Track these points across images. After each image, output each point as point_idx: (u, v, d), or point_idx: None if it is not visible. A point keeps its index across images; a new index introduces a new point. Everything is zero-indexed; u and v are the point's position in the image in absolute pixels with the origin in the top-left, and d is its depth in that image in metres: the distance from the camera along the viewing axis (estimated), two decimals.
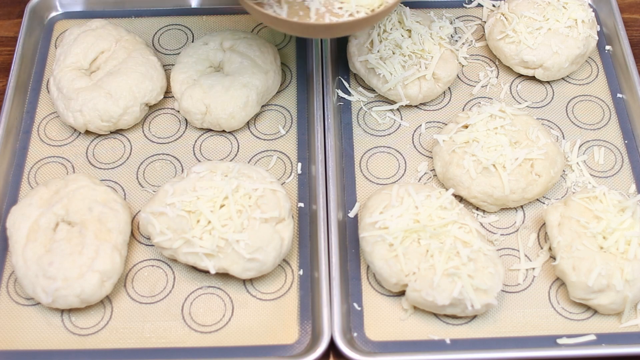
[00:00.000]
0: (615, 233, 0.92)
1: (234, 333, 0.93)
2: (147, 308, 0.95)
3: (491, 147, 1.00)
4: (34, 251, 0.92)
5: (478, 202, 1.01)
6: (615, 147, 1.09)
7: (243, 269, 0.92)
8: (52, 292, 0.89)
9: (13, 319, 0.94)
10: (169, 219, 0.93)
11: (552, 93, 1.15)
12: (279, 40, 1.21)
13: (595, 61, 1.19)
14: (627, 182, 1.06)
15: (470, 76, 1.17)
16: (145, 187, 1.06)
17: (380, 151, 1.09)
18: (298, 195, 1.05)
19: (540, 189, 1.00)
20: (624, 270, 0.90)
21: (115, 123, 1.07)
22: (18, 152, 1.09)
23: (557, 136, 1.10)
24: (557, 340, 0.92)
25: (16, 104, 1.12)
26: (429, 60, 1.09)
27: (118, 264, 0.93)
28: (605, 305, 0.91)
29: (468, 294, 0.88)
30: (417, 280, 0.89)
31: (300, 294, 0.96)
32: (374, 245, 0.92)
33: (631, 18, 1.25)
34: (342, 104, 1.13)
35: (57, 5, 1.25)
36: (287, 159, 1.08)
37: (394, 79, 1.08)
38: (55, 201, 0.96)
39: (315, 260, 0.97)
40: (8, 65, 1.17)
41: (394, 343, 0.92)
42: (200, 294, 0.96)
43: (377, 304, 0.95)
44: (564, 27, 1.11)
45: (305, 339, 0.93)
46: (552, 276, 0.97)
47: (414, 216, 0.92)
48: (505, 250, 1.00)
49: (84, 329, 0.94)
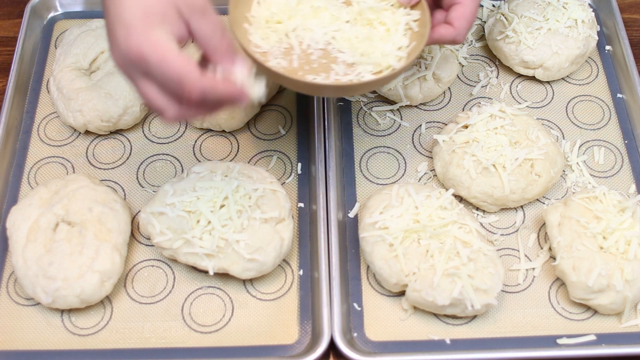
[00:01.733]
0: (615, 233, 0.92)
1: (234, 333, 0.93)
2: (147, 308, 0.95)
3: (491, 147, 1.00)
4: (34, 251, 0.92)
5: (478, 202, 1.01)
6: (615, 147, 1.09)
7: (243, 269, 0.92)
8: (52, 292, 0.89)
9: (13, 319, 0.94)
10: (169, 219, 0.93)
11: (552, 93, 1.15)
12: None
13: (595, 61, 1.19)
14: (627, 182, 1.06)
15: (470, 76, 1.17)
16: (145, 187, 1.06)
17: (380, 151, 1.09)
18: (298, 195, 1.05)
19: (540, 189, 1.00)
20: (624, 270, 0.90)
21: (115, 123, 1.07)
22: (18, 152, 1.09)
23: (557, 136, 1.10)
24: (557, 340, 0.92)
25: (16, 104, 1.12)
26: (429, 60, 1.09)
27: (118, 264, 0.93)
28: (605, 305, 0.91)
29: (468, 294, 0.88)
30: (417, 280, 0.89)
31: (300, 294, 0.96)
32: (374, 246, 0.92)
33: (631, 18, 1.25)
34: (342, 104, 1.13)
35: (57, 5, 1.25)
36: (287, 159, 1.08)
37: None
38: (55, 201, 0.96)
39: (315, 260, 0.97)
40: (8, 65, 1.17)
41: (394, 343, 0.92)
42: (200, 294, 0.96)
43: (377, 304, 0.95)
44: (564, 27, 1.11)
45: (305, 339, 0.93)
46: (552, 276, 0.97)
47: (414, 216, 0.92)
48: (505, 250, 1.00)
49: (84, 329, 0.93)
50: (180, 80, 0.71)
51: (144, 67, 0.71)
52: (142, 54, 0.70)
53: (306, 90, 0.92)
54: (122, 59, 0.73)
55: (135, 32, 0.71)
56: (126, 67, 0.74)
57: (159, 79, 0.72)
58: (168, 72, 0.71)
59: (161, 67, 0.70)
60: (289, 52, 0.92)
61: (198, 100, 0.73)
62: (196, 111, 0.76)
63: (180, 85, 0.71)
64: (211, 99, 0.74)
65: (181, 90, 0.72)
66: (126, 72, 0.75)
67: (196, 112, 0.76)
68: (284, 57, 0.91)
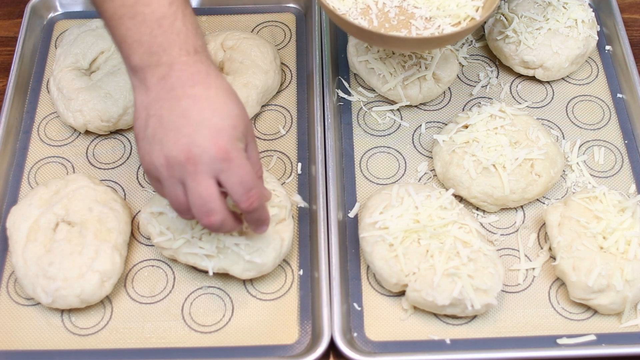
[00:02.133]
0: (615, 233, 0.92)
1: (234, 333, 0.93)
2: (147, 308, 0.95)
3: (491, 147, 1.00)
4: (34, 251, 0.92)
5: (478, 202, 1.01)
6: (615, 147, 1.09)
7: (243, 269, 0.92)
8: (52, 292, 0.89)
9: (13, 319, 0.94)
10: (169, 219, 0.93)
11: (552, 93, 1.15)
12: (279, 40, 1.21)
13: (595, 61, 1.19)
14: (627, 182, 1.06)
15: (470, 76, 1.17)
16: (145, 187, 1.06)
17: (380, 151, 1.09)
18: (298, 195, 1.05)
19: (540, 189, 1.00)
20: (624, 270, 0.90)
21: (115, 123, 1.07)
22: (18, 152, 1.09)
23: (557, 136, 1.10)
24: (557, 340, 0.92)
25: (16, 104, 1.12)
26: (429, 60, 1.09)
27: (118, 264, 0.93)
28: (605, 305, 0.91)
29: (468, 294, 0.88)
30: (417, 280, 0.89)
31: (300, 294, 0.96)
32: (374, 245, 0.92)
33: (631, 18, 1.25)
34: (342, 104, 1.13)
35: (57, 5, 1.25)
36: (287, 159, 1.08)
37: (394, 79, 1.08)
38: (55, 201, 0.96)
39: (315, 260, 0.97)
40: (8, 65, 1.17)
41: (394, 343, 0.92)
42: (200, 294, 0.96)
43: (377, 304, 0.95)
44: (564, 27, 1.11)
45: (305, 339, 0.93)
46: (552, 276, 0.97)
47: (414, 216, 0.92)
48: (505, 250, 1.00)
49: (84, 329, 0.93)
50: (250, 187, 0.79)
51: (221, 167, 0.77)
52: (228, 153, 0.76)
53: (391, 46, 0.96)
54: (173, 159, 0.77)
55: (226, 134, 0.77)
56: (171, 168, 0.77)
57: (230, 180, 0.78)
58: (244, 176, 0.78)
59: (241, 169, 0.78)
60: (366, 12, 0.96)
61: (253, 209, 0.81)
62: (235, 223, 0.84)
63: (247, 191, 0.79)
64: (259, 213, 0.84)
65: (246, 195, 0.79)
66: (164, 169, 0.78)
67: (235, 224, 0.84)
68: (363, 17, 0.96)
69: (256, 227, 0.87)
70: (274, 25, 1.23)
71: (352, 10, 0.99)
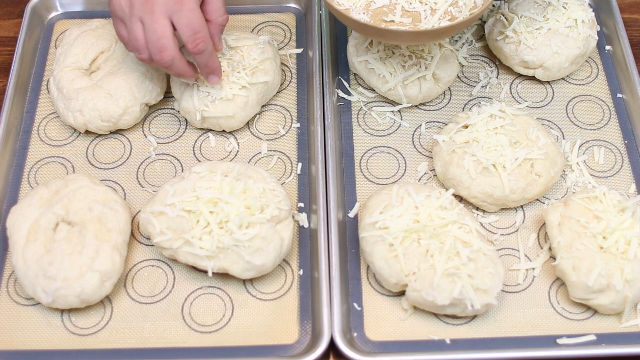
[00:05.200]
0: (615, 233, 0.92)
1: (234, 333, 0.93)
2: (147, 308, 0.95)
3: (491, 147, 1.00)
4: (34, 251, 0.92)
5: (478, 202, 1.01)
6: (615, 147, 1.09)
7: (243, 269, 0.92)
8: (52, 292, 0.90)
9: (13, 319, 0.94)
10: (169, 219, 0.93)
11: (552, 93, 1.15)
12: (279, 41, 1.21)
13: (595, 61, 1.19)
14: (627, 182, 1.06)
15: (470, 76, 1.17)
16: (145, 187, 1.06)
17: (380, 151, 1.09)
18: (298, 195, 1.05)
19: (540, 189, 1.00)
20: (624, 270, 0.90)
21: (115, 123, 1.07)
22: (18, 152, 1.09)
23: (557, 136, 1.10)
24: (557, 340, 0.92)
25: (16, 104, 1.12)
26: (429, 60, 1.09)
27: (118, 264, 0.93)
28: (605, 305, 0.91)
29: (468, 294, 0.88)
30: (417, 280, 0.89)
31: (300, 294, 0.96)
32: (374, 245, 0.92)
33: (631, 18, 1.26)
34: (342, 104, 1.13)
35: (57, 5, 1.25)
36: (287, 159, 1.08)
37: (394, 79, 1.08)
38: (55, 201, 0.96)
39: (315, 260, 0.97)
40: (8, 65, 1.18)
41: (394, 343, 0.92)
42: (200, 294, 0.96)
43: (377, 304, 0.95)
44: (564, 27, 1.11)
45: (305, 339, 0.93)
46: (552, 276, 0.97)
47: (414, 216, 0.92)
48: (505, 250, 1.00)
49: (84, 329, 0.94)
50: (197, 30, 0.94)
51: (174, 8, 0.92)
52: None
53: (390, 39, 0.99)
54: (136, 0, 0.92)
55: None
56: (133, 8, 0.93)
57: (180, 21, 0.93)
58: (192, 19, 0.94)
59: (190, 12, 0.93)
60: (368, 8, 1.02)
61: (198, 51, 0.97)
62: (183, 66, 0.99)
63: (194, 33, 0.94)
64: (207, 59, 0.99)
65: (193, 37, 0.94)
66: (127, 8, 0.93)
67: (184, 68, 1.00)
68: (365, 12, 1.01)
69: (206, 74, 1.01)
70: (274, 25, 1.24)
71: (355, 5, 1.02)
